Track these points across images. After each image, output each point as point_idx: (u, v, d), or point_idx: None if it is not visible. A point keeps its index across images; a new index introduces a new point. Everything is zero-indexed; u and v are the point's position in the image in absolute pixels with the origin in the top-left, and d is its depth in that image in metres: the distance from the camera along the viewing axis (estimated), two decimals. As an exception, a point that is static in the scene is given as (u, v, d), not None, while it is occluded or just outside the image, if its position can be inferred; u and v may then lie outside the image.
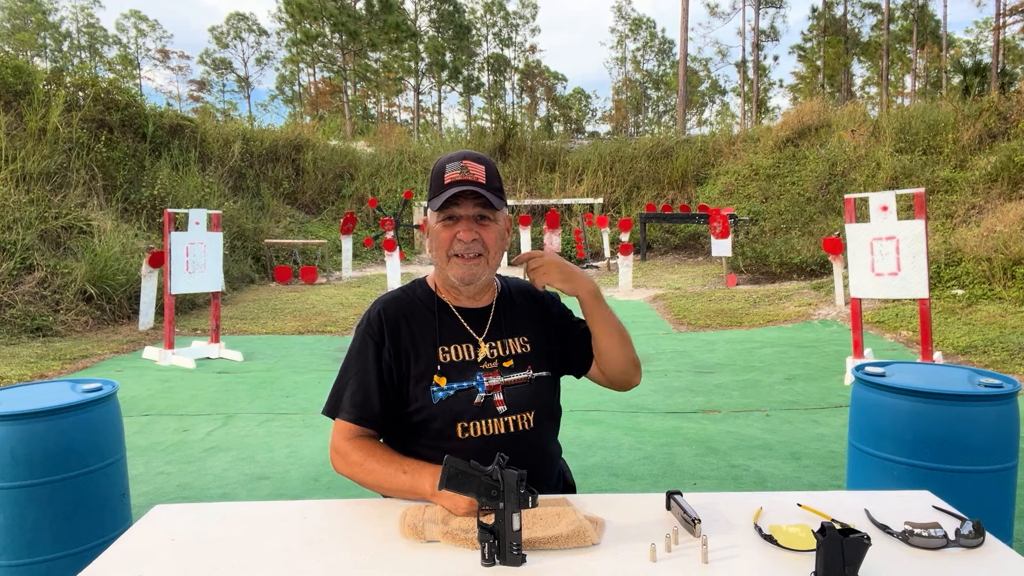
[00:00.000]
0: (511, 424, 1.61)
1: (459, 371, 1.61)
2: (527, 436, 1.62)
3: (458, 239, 1.57)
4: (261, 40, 55.02)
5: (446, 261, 1.60)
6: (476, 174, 1.57)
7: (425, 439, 1.61)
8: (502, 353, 1.66)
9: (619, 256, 12.29)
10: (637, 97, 59.30)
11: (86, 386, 2.59)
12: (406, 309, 1.67)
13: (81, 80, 12.86)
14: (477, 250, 1.58)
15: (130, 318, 8.90)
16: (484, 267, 1.61)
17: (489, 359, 1.64)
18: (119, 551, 1.26)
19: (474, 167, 1.58)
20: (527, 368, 1.66)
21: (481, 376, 1.62)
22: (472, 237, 1.57)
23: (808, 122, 18.02)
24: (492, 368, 1.64)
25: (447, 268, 1.61)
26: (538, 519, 1.31)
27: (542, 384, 1.68)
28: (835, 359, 6.40)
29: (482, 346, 1.65)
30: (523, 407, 1.63)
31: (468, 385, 1.60)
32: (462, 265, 1.59)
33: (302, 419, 4.89)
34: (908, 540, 1.22)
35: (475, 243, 1.57)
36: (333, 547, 1.26)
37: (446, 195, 1.54)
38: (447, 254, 1.60)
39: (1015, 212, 9.92)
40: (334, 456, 1.60)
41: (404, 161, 19.40)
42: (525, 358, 1.68)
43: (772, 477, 3.67)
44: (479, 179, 1.57)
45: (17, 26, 44.24)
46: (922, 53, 43.31)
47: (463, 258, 1.58)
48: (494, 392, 1.61)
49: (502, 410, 1.61)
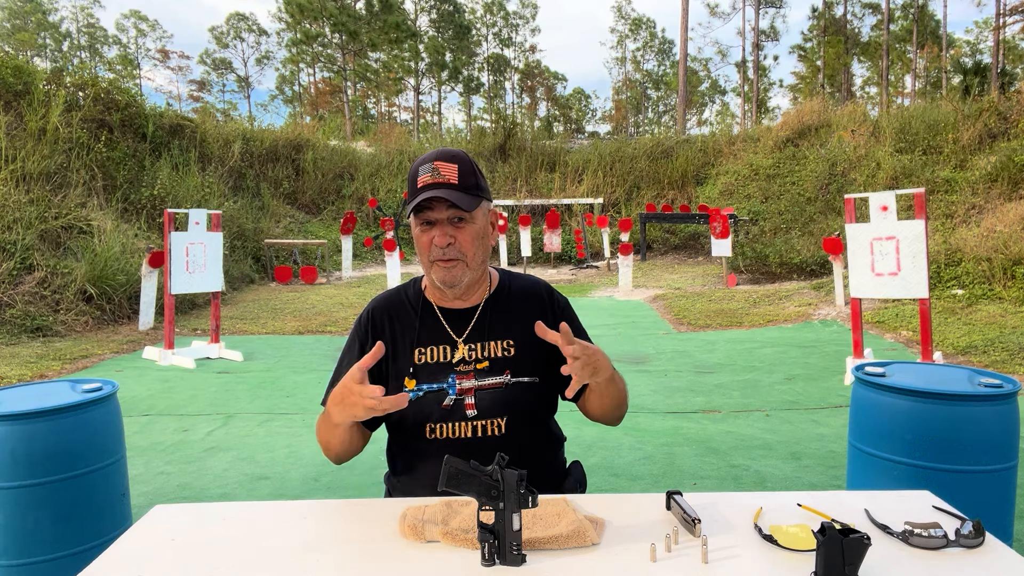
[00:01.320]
0: (479, 428, 1.59)
1: (432, 372, 1.62)
2: (497, 441, 1.58)
3: (434, 244, 1.57)
4: (261, 40, 55.10)
5: (429, 265, 1.61)
6: (447, 175, 1.55)
7: (399, 437, 1.68)
8: (479, 355, 1.64)
9: (619, 256, 12.29)
10: (637, 97, 59.31)
11: (86, 386, 2.58)
12: (392, 309, 1.70)
13: (81, 80, 12.86)
14: (453, 254, 1.57)
15: (130, 318, 8.90)
16: (464, 269, 1.60)
17: (466, 361, 1.63)
18: (119, 551, 1.26)
19: (445, 167, 1.55)
20: (504, 372, 1.63)
21: (454, 378, 1.61)
22: (447, 242, 1.56)
23: (808, 122, 18.02)
24: (467, 371, 1.62)
25: (431, 272, 1.62)
26: (538, 519, 1.31)
27: (520, 389, 1.63)
28: (835, 359, 6.40)
29: (460, 348, 1.64)
30: (494, 412, 1.60)
31: (438, 387, 1.60)
32: (442, 268, 1.59)
33: (302, 419, 4.89)
34: (908, 540, 1.22)
35: (451, 247, 1.57)
36: (333, 547, 1.26)
37: (416, 200, 1.53)
38: (428, 259, 1.60)
39: (1015, 212, 9.92)
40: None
41: (404, 161, 19.41)
42: (504, 362, 1.64)
43: (772, 477, 3.67)
44: (450, 179, 1.55)
45: (17, 26, 44.24)
46: (922, 53, 43.32)
47: (442, 261, 1.58)
48: (465, 395, 1.60)
49: (471, 414, 1.59)
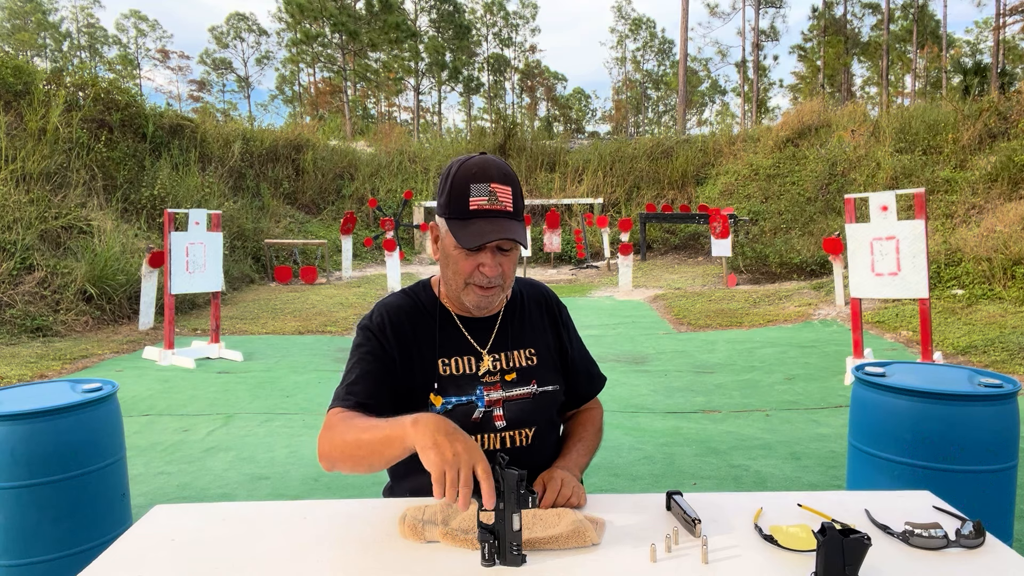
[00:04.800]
0: (508, 440, 1.56)
1: (459, 385, 1.56)
2: (523, 452, 1.57)
3: (480, 272, 1.48)
4: (261, 40, 55.09)
5: (463, 287, 1.52)
6: (504, 201, 1.45)
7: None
8: (505, 366, 1.60)
9: (619, 256, 12.29)
10: (637, 97, 59.30)
11: (86, 386, 2.58)
12: (411, 315, 1.60)
13: (81, 80, 12.86)
14: (497, 282, 1.51)
15: (130, 318, 8.90)
16: (499, 294, 1.55)
17: (492, 372, 1.58)
18: (119, 551, 1.26)
19: (502, 191, 1.44)
20: (531, 382, 1.60)
21: (481, 390, 1.56)
22: (496, 271, 1.48)
23: (808, 122, 18.02)
24: (494, 382, 1.58)
25: (462, 293, 1.53)
26: (538, 519, 1.31)
27: (546, 399, 1.62)
28: (835, 359, 6.40)
29: (485, 359, 1.59)
30: (523, 423, 1.58)
31: (467, 400, 1.55)
32: (480, 295, 1.52)
33: (302, 419, 4.89)
34: (908, 540, 1.22)
35: (497, 276, 1.50)
36: (333, 547, 1.26)
37: (477, 236, 1.41)
38: (464, 281, 1.51)
39: (1015, 212, 9.92)
40: (318, 448, 1.43)
41: (404, 161, 19.41)
42: (530, 371, 1.61)
43: (772, 477, 3.67)
44: (507, 207, 1.45)
45: (17, 26, 44.23)
46: (922, 53, 43.31)
47: (481, 288, 1.51)
48: (494, 407, 1.56)
49: (500, 425, 1.56)
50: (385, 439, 1.28)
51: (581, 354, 1.78)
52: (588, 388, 1.79)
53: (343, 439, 1.36)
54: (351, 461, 1.36)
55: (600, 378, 1.82)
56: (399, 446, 1.25)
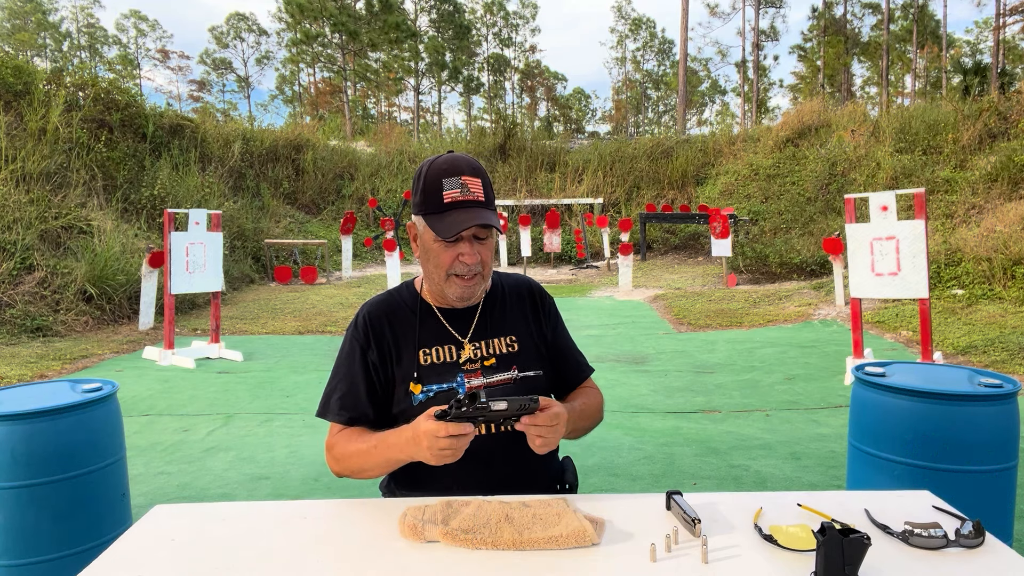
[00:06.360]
0: (492, 425, 1.59)
1: (439, 373, 1.61)
2: (507, 438, 1.59)
3: (461, 261, 1.55)
4: (261, 40, 55.10)
5: (444, 279, 1.58)
6: (476, 191, 1.53)
7: None
8: (485, 353, 1.65)
9: (619, 256, 12.29)
10: (637, 97, 59.30)
11: (86, 386, 2.58)
12: (390, 312, 1.67)
13: (81, 80, 12.86)
14: (477, 270, 1.57)
15: (130, 318, 8.90)
16: (480, 283, 1.61)
17: (472, 360, 1.63)
18: (119, 551, 1.26)
19: (472, 183, 1.53)
20: (511, 368, 1.65)
21: (462, 377, 1.61)
22: (476, 259, 1.55)
23: (808, 122, 18.02)
24: (474, 369, 1.63)
25: (444, 285, 1.60)
26: (538, 519, 1.31)
27: (528, 384, 1.66)
28: (835, 359, 6.40)
29: (466, 347, 1.64)
30: None
31: (448, 387, 1.60)
32: (462, 285, 1.58)
33: (302, 419, 4.89)
34: (908, 540, 1.22)
35: (476, 264, 1.56)
36: (333, 547, 1.26)
37: (454, 226, 1.49)
38: (446, 273, 1.57)
39: (1015, 212, 9.92)
40: (327, 458, 1.65)
41: (404, 161, 19.42)
42: (511, 358, 1.66)
43: (772, 477, 3.67)
44: (479, 197, 1.53)
45: (17, 26, 44.23)
46: (922, 53, 43.31)
47: (463, 278, 1.57)
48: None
49: None
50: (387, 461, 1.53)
51: (566, 343, 1.82)
52: (576, 373, 1.82)
53: (349, 466, 1.60)
54: (360, 477, 1.61)
55: (588, 367, 1.85)
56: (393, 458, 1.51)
